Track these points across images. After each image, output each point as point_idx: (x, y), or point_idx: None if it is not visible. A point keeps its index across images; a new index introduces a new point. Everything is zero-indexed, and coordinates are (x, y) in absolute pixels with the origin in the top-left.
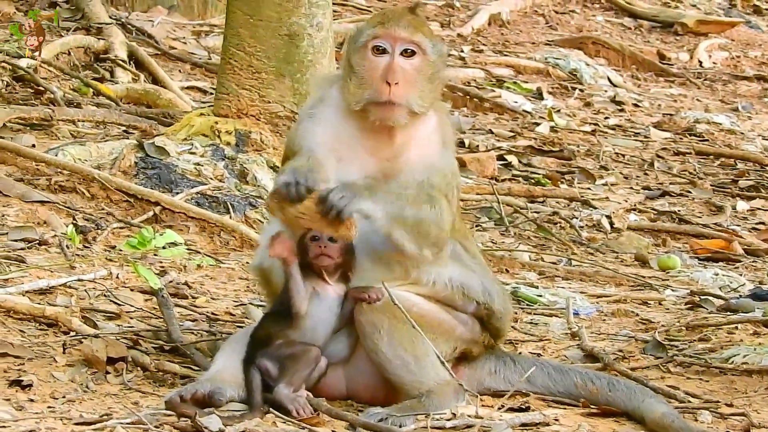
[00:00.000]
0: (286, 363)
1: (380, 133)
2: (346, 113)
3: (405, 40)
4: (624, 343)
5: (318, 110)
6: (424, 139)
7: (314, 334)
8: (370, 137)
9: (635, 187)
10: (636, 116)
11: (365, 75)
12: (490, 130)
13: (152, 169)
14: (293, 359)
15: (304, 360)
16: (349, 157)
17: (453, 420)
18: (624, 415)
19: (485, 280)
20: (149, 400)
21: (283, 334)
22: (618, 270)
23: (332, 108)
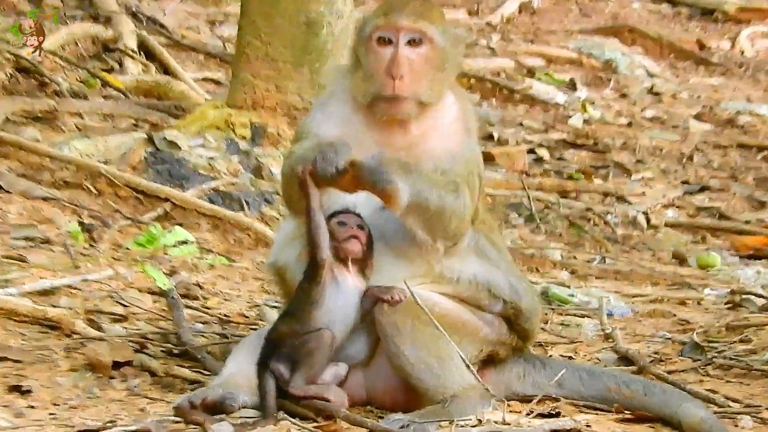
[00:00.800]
0: (297, 356)
1: (392, 125)
2: (356, 106)
3: (409, 30)
4: (660, 345)
5: (329, 103)
6: (445, 128)
7: (331, 327)
8: (383, 130)
9: (673, 182)
10: (674, 108)
11: (371, 68)
12: (520, 122)
13: (162, 164)
14: (304, 349)
15: (315, 346)
16: (360, 150)
17: (479, 426)
18: (660, 421)
19: (512, 278)
20: (156, 407)
21: (294, 330)
22: (654, 268)
23: (342, 101)
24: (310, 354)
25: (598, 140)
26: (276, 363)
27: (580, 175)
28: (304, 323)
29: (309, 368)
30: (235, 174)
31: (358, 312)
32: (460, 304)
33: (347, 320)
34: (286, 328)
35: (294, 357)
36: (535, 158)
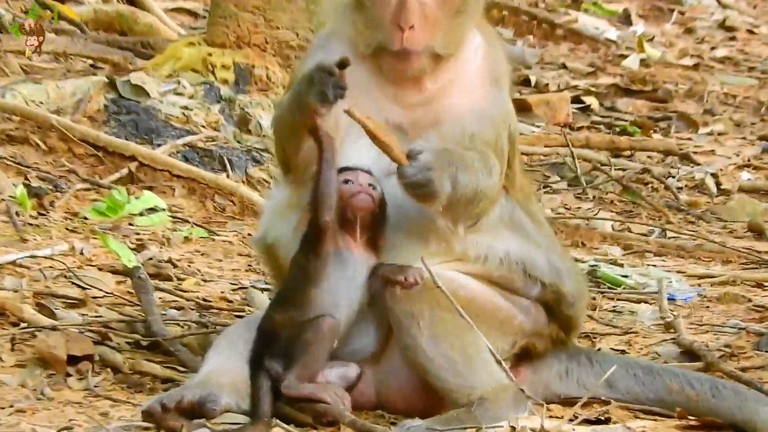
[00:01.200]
0: (293, 349)
1: (403, 75)
2: (361, 52)
3: None
4: (732, 337)
5: (328, 46)
6: (468, 80)
7: (334, 312)
8: (393, 82)
9: (749, 138)
10: (751, 46)
11: (375, 13)
12: (563, 64)
13: (127, 115)
14: (300, 341)
15: (314, 336)
16: (367, 103)
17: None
18: (731, 428)
19: (553, 255)
20: (122, 410)
21: (290, 317)
22: (726, 243)
23: (344, 44)
24: (308, 346)
25: (657, 86)
26: (271, 360)
27: (636, 129)
28: (302, 308)
29: (305, 364)
30: (215, 127)
31: (366, 293)
32: (489, 287)
33: (353, 303)
34: (281, 316)
35: (290, 351)
36: (582, 108)
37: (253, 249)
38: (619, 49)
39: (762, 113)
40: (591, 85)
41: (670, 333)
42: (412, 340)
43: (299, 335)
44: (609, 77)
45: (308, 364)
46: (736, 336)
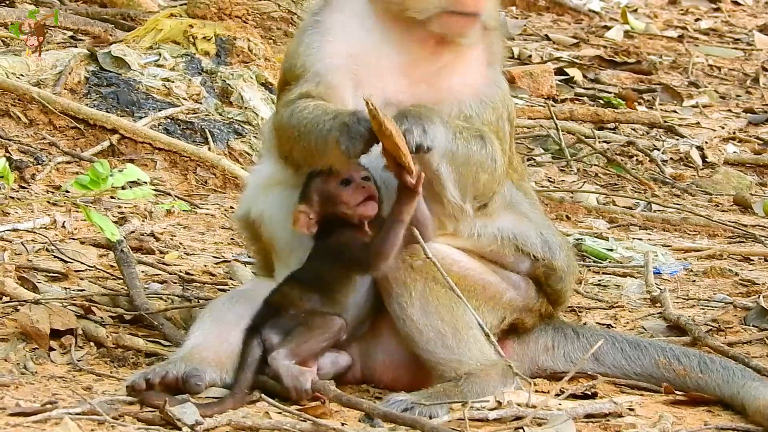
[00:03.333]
0: (294, 331)
1: (422, 46)
2: (367, 18)
3: None
4: (719, 311)
5: (325, 16)
6: (467, 59)
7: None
8: (406, 50)
9: (734, 110)
10: (736, 17)
11: None
12: (546, 35)
13: (108, 87)
14: (307, 328)
15: (320, 329)
16: (371, 79)
17: (498, 410)
18: (718, 403)
19: (545, 231)
20: (105, 385)
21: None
22: (712, 216)
23: (346, 12)
24: (312, 337)
25: (642, 58)
26: (270, 332)
27: (620, 102)
28: (326, 304)
29: (302, 348)
30: (197, 99)
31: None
32: (481, 263)
33: (360, 308)
34: (299, 297)
35: (292, 330)
36: (565, 79)
37: (235, 225)
38: (602, 20)
39: (747, 85)
40: (574, 57)
41: (656, 307)
42: (402, 311)
43: (307, 322)
44: (592, 49)
45: (305, 350)
46: (723, 310)
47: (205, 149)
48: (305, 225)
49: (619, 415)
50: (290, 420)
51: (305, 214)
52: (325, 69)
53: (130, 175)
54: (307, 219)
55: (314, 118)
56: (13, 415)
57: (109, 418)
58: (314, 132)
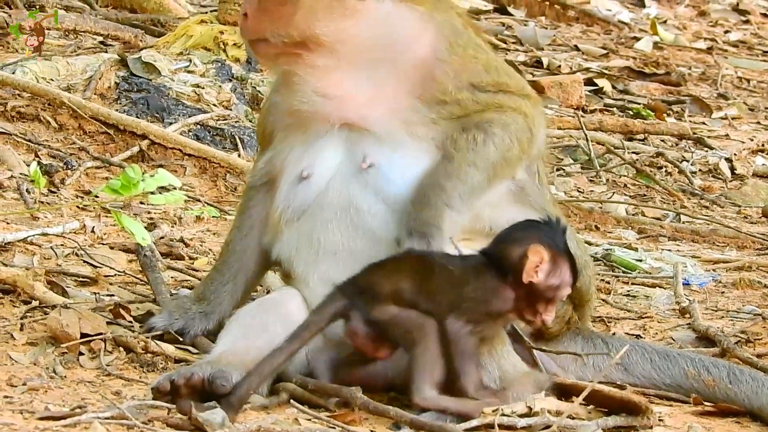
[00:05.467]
0: (415, 358)
1: (327, 90)
2: None
3: None
4: (748, 323)
5: (279, 84)
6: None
7: None
8: (325, 97)
9: (763, 122)
10: (765, 30)
11: None
12: (575, 46)
13: (138, 93)
14: (417, 345)
15: (426, 336)
16: (316, 125)
17: (527, 418)
18: (747, 415)
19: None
20: (134, 390)
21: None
22: (741, 228)
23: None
24: (428, 350)
25: (671, 69)
26: (358, 317)
27: (650, 113)
28: (428, 303)
29: (431, 372)
30: (227, 105)
31: None
32: None
33: None
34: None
35: (395, 338)
36: (594, 90)
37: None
38: (631, 31)
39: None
40: (604, 68)
41: (685, 318)
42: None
43: (413, 338)
44: (622, 60)
45: (436, 372)
46: (752, 322)
47: (235, 156)
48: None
49: (649, 427)
50: (319, 426)
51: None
52: (282, 138)
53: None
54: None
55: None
56: (43, 419)
57: (138, 422)
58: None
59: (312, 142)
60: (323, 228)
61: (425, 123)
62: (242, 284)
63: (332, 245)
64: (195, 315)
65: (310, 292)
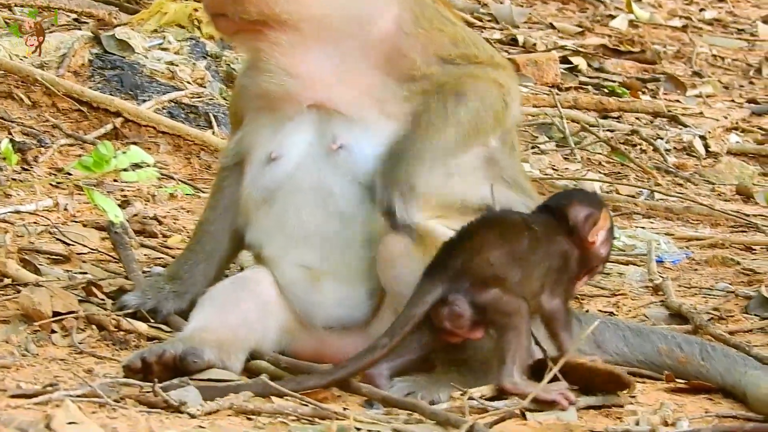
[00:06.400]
0: (506, 340)
1: (290, 57)
2: None
3: None
4: (721, 300)
5: (248, 67)
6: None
7: None
8: (297, 81)
9: (737, 100)
10: (740, 7)
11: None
12: (551, 24)
13: (112, 70)
14: (514, 325)
15: (519, 323)
16: (284, 106)
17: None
18: (719, 392)
19: (530, 202)
20: (106, 367)
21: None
22: (714, 206)
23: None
24: (516, 333)
25: (646, 47)
26: (464, 301)
27: (625, 91)
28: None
29: (520, 355)
30: (201, 83)
31: None
32: None
33: None
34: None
35: (487, 312)
36: (570, 68)
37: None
38: (607, 9)
39: (750, 76)
40: (579, 46)
41: (658, 295)
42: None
43: (507, 311)
44: (597, 38)
45: (521, 355)
46: (725, 299)
47: (209, 133)
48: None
49: (619, 405)
50: (292, 404)
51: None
52: (251, 121)
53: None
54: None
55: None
56: (14, 397)
57: (110, 400)
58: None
59: (281, 124)
60: (294, 211)
61: (397, 100)
62: (215, 264)
63: (303, 228)
64: (168, 294)
65: (281, 274)
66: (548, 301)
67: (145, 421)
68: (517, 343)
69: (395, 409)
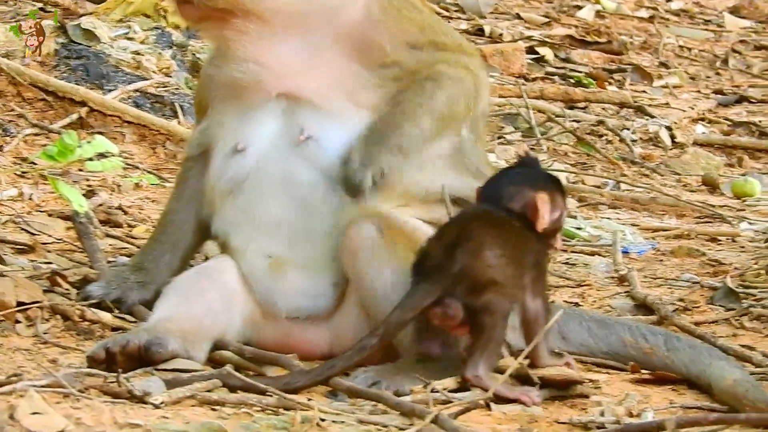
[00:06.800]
0: (484, 324)
1: (258, 46)
2: None
3: None
4: (686, 291)
5: (215, 53)
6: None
7: None
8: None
9: (704, 91)
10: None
11: None
12: (517, 14)
13: (77, 59)
14: (493, 321)
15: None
16: (251, 96)
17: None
18: (685, 383)
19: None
20: (71, 357)
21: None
22: (680, 196)
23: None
24: (496, 333)
25: (612, 38)
26: (457, 305)
27: (591, 81)
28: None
29: (490, 348)
30: (167, 72)
31: None
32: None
33: None
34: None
35: (476, 316)
36: (536, 58)
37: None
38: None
39: (717, 67)
40: (546, 36)
41: (623, 286)
42: (371, 284)
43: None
44: (564, 28)
45: (493, 352)
46: (690, 290)
47: (175, 123)
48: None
49: (585, 396)
50: (256, 395)
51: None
52: (218, 111)
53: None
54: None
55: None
56: None
57: (74, 390)
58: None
59: (248, 114)
60: (261, 202)
61: (368, 88)
62: (180, 255)
63: (271, 220)
64: (132, 285)
65: (247, 265)
66: (531, 301)
67: (109, 412)
68: (493, 340)
69: (360, 399)
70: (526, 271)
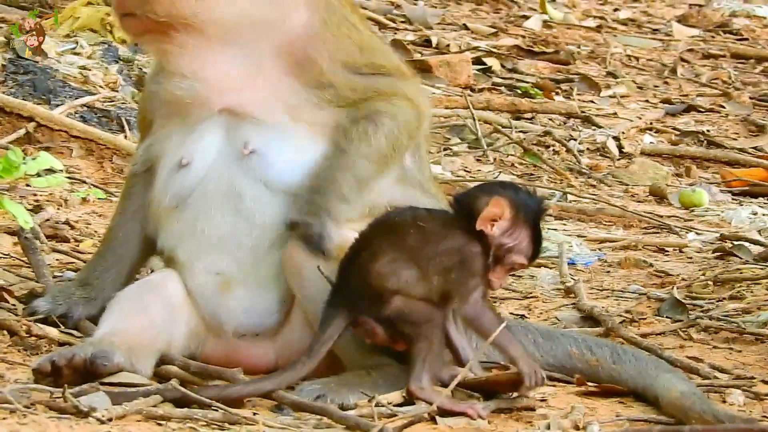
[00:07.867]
0: (408, 335)
1: (199, 61)
2: None
3: None
4: (633, 302)
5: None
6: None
7: None
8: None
9: (652, 100)
10: (654, 8)
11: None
12: (464, 24)
13: (25, 75)
14: (425, 335)
15: (433, 335)
16: (194, 111)
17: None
18: (631, 395)
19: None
20: (17, 373)
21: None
22: (627, 207)
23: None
24: (428, 342)
25: (560, 48)
26: (371, 321)
27: (538, 92)
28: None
29: (434, 366)
30: (113, 87)
31: None
32: None
33: None
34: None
35: (402, 331)
36: (483, 69)
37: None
38: (521, 9)
39: (665, 76)
40: (492, 47)
41: (570, 298)
42: (313, 297)
43: (423, 317)
44: (511, 38)
45: (436, 365)
46: (637, 301)
47: (122, 137)
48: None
49: (531, 408)
50: (201, 410)
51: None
52: (160, 123)
53: (44, 163)
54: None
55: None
56: None
57: (20, 406)
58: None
59: (191, 129)
60: (206, 216)
61: (308, 107)
62: (126, 270)
63: (214, 234)
64: (78, 300)
65: (191, 279)
66: (464, 306)
67: (54, 427)
68: (428, 350)
69: (305, 413)
70: (440, 269)
